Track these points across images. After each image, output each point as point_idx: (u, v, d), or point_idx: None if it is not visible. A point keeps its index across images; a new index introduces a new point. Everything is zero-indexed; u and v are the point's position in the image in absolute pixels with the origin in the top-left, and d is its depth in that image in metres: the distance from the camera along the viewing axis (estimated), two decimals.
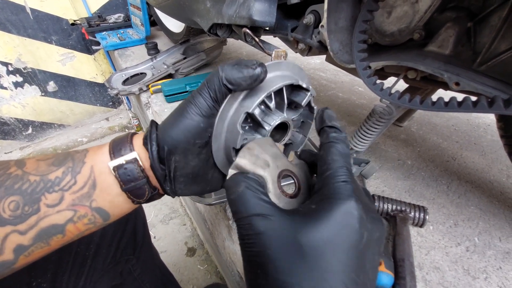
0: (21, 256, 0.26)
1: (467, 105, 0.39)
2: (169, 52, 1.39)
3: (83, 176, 0.28)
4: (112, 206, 0.29)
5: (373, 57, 0.55)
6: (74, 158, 0.29)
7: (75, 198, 0.27)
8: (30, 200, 0.26)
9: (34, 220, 0.26)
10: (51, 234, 0.27)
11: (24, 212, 0.25)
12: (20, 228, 0.25)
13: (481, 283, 0.52)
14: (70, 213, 0.27)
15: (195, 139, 0.30)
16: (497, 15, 0.44)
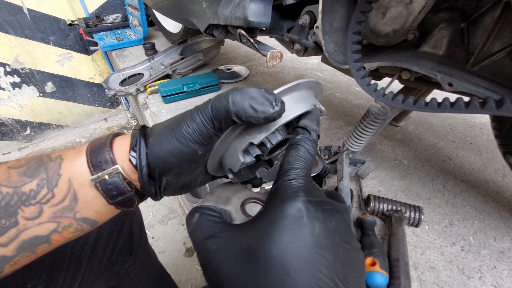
0: (7, 265, 0.26)
1: (459, 106, 0.39)
2: (166, 52, 1.39)
3: (61, 190, 0.26)
4: (99, 215, 0.28)
5: (368, 57, 0.55)
6: (48, 169, 0.26)
7: (56, 211, 0.25)
8: (5, 214, 0.24)
9: (13, 233, 0.24)
10: (35, 244, 0.26)
11: (1, 225, 0.24)
12: (1, 241, 0.24)
13: (475, 282, 0.53)
14: (53, 225, 0.26)
15: (190, 164, 0.28)
16: (490, 16, 0.44)
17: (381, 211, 0.63)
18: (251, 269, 0.20)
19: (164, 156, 0.26)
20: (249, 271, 0.20)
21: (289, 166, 0.25)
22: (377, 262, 0.50)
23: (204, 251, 0.23)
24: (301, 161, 0.25)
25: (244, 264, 0.20)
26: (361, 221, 0.61)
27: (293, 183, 0.24)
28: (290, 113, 0.28)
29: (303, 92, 0.31)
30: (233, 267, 0.21)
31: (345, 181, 0.64)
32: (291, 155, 0.26)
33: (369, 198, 0.66)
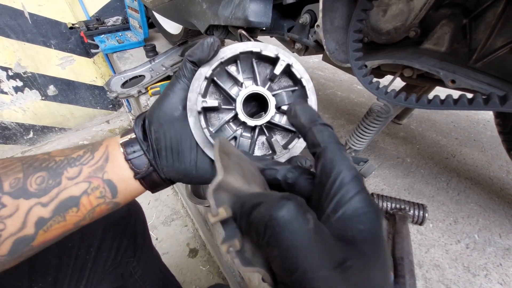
0: (40, 231, 0.28)
1: (462, 103, 0.39)
2: (167, 54, 1.39)
3: (100, 153, 0.32)
4: (119, 179, 0.32)
5: (370, 55, 0.55)
6: (94, 142, 0.33)
7: (91, 171, 0.30)
8: (54, 175, 0.29)
9: (55, 192, 0.28)
10: (68, 206, 0.29)
11: (48, 185, 0.28)
12: (43, 200, 0.28)
13: (481, 280, 0.52)
14: (85, 184, 0.30)
15: (166, 108, 0.33)
16: (492, 12, 0.43)
17: (384, 210, 0.63)
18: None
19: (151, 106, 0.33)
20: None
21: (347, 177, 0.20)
22: None
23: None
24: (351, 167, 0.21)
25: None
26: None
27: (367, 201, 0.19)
28: (232, 50, 0.33)
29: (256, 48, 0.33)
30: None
31: None
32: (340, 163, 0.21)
33: (373, 197, 0.65)
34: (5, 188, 0.27)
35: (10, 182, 0.27)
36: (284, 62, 0.33)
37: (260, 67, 0.35)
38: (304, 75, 0.34)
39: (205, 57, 0.32)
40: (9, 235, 0.27)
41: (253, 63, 0.34)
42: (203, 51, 0.31)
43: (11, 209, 0.27)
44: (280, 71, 0.33)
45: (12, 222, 0.26)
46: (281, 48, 0.34)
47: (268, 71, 0.35)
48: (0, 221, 0.26)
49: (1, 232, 0.26)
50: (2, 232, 0.26)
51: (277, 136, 0.37)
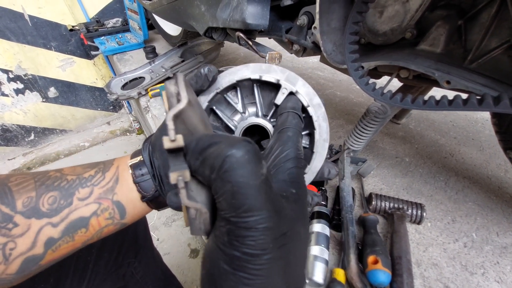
0: (49, 251, 0.28)
1: (457, 104, 0.39)
2: (167, 55, 1.40)
3: (110, 173, 0.32)
4: (128, 201, 0.32)
5: (366, 57, 0.55)
6: (105, 162, 0.33)
7: (102, 192, 0.30)
8: (66, 195, 0.29)
9: (66, 213, 0.28)
10: (77, 227, 0.29)
11: (60, 205, 0.28)
12: (54, 221, 0.28)
13: (478, 278, 0.53)
14: (95, 206, 0.30)
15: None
16: (487, 13, 0.44)
17: (383, 209, 0.64)
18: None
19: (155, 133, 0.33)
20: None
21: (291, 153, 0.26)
22: (380, 260, 0.50)
23: (275, 232, 0.19)
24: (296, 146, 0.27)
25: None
26: (363, 219, 0.61)
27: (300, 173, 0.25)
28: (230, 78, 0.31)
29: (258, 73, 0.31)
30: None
31: (346, 180, 0.65)
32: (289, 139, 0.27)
33: (371, 197, 0.66)
34: (18, 207, 0.27)
35: (23, 201, 0.27)
36: (287, 91, 0.30)
37: (264, 92, 0.33)
38: (313, 100, 0.30)
39: (201, 88, 0.31)
40: (19, 254, 0.27)
41: (254, 89, 0.32)
42: (197, 82, 0.31)
43: (23, 228, 0.27)
44: (281, 100, 0.30)
45: (23, 241, 0.27)
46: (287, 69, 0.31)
47: (273, 94, 0.33)
48: (11, 240, 0.26)
49: (12, 251, 0.26)
50: (12, 251, 0.26)
51: None
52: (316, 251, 0.54)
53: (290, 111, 0.29)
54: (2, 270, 0.27)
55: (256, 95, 0.32)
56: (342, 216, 0.59)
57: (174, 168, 0.17)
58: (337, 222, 0.62)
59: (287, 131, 0.27)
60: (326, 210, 0.63)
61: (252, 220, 0.17)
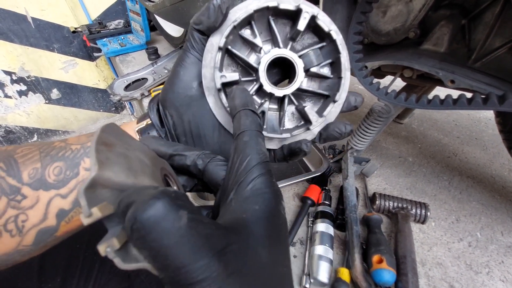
0: (62, 222, 0.28)
1: (462, 103, 0.39)
2: (169, 56, 1.40)
3: None
4: None
5: (370, 57, 0.56)
6: None
7: None
8: (71, 165, 0.28)
9: (73, 184, 0.27)
10: None
11: (66, 176, 0.27)
12: (62, 192, 0.27)
13: (483, 277, 0.53)
14: None
15: (179, 88, 0.30)
16: (491, 12, 0.44)
17: (387, 209, 0.64)
18: None
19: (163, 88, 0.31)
20: None
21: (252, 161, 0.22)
22: (384, 259, 0.50)
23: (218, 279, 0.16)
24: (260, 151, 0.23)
25: None
26: (367, 219, 0.61)
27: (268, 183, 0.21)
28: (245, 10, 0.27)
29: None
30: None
31: (350, 180, 0.65)
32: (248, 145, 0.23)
33: (375, 196, 0.66)
34: (24, 179, 0.26)
35: (28, 172, 0.27)
36: (308, 14, 0.27)
37: (279, 25, 0.29)
38: (331, 26, 0.28)
39: (214, 24, 0.27)
40: (32, 226, 0.27)
41: (270, 22, 0.29)
42: (209, 16, 0.26)
43: (31, 200, 0.26)
44: (304, 26, 0.27)
45: (34, 213, 0.27)
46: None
47: (288, 28, 0.30)
48: (22, 212, 0.26)
49: (24, 223, 0.26)
50: (25, 223, 0.26)
51: (308, 103, 0.32)
52: (320, 250, 0.54)
53: (240, 110, 0.25)
54: (18, 242, 0.26)
55: (274, 28, 0.29)
56: (346, 216, 0.59)
57: (103, 239, 0.15)
58: (341, 221, 0.62)
59: (242, 136, 0.23)
60: (330, 209, 0.63)
61: (185, 277, 0.15)
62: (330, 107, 0.29)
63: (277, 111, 0.32)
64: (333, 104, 0.29)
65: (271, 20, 0.29)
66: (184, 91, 0.30)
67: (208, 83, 0.29)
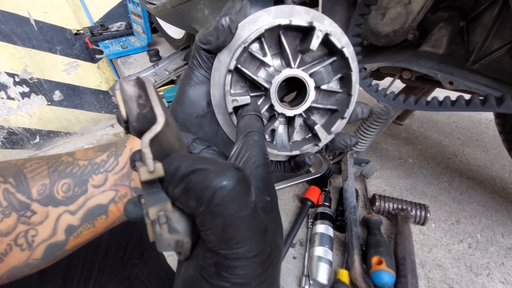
0: (71, 237, 0.29)
1: (460, 104, 0.39)
2: (170, 58, 1.41)
3: (124, 158, 0.30)
4: None
5: (369, 58, 0.56)
6: (117, 144, 0.31)
7: (117, 179, 0.29)
8: (79, 182, 0.28)
9: (82, 201, 0.28)
10: (96, 214, 0.29)
11: (75, 193, 0.28)
12: (71, 209, 0.28)
13: (483, 279, 0.53)
14: (112, 193, 0.29)
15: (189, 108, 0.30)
16: (489, 14, 0.44)
17: (387, 210, 0.64)
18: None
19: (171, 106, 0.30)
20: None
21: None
22: (384, 260, 0.50)
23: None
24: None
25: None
26: (367, 220, 0.61)
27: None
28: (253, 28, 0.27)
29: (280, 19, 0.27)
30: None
31: (350, 181, 0.65)
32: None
33: (375, 198, 0.66)
34: (34, 195, 0.27)
35: (37, 188, 0.27)
36: (322, 33, 0.26)
37: (288, 38, 0.28)
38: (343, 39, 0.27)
39: (223, 44, 0.26)
40: (41, 241, 0.27)
41: (280, 36, 0.28)
42: (219, 38, 0.25)
43: (41, 216, 0.27)
44: (317, 45, 0.26)
45: (43, 229, 0.27)
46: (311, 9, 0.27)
47: (298, 41, 0.29)
48: (32, 228, 0.27)
49: (34, 238, 0.27)
50: (34, 238, 0.27)
51: (315, 115, 0.32)
52: (320, 252, 0.54)
53: (252, 114, 0.26)
54: (28, 256, 0.27)
55: (284, 44, 0.28)
56: (346, 217, 0.59)
57: (151, 201, 0.15)
58: (340, 223, 0.62)
59: (252, 135, 0.24)
60: (330, 211, 0.63)
61: (242, 251, 0.16)
62: (338, 123, 0.29)
63: (285, 125, 0.32)
64: (341, 120, 0.29)
65: (282, 35, 0.28)
66: (195, 112, 0.30)
67: (218, 102, 0.29)
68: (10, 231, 0.26)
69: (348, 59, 0.27)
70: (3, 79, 1.95)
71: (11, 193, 0.26)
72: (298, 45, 0.29)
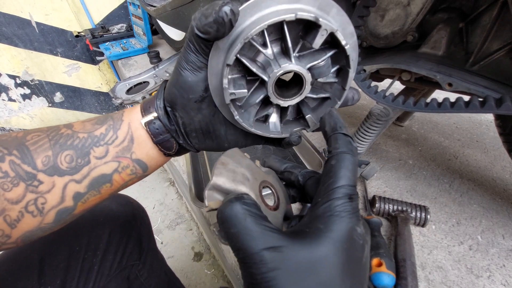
0: (79, 203, 0.30)
1: (459, 106, 0.39)
2: (171, 60, 1.41)
3: (123, 132, 0.31)
4: (149, 158, 0.33)
5: (368, 60, 0.56)
6: (114, 117, 0.32)
7: (118, 151, 0.31)
8: (81, 154, 0.29)
9: (86, 171, 0.30)
10: (101, 182, 0.31)
11: (78, 163, 0.29)
12: (76, 178, 0.29)
13: (484, 281, 0.52)
14: (115, 164, 0.31)
15: (188, 93, 0.30)
16: (488, 15, 0.44)
17: (386, 212, 0.64)
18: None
19: (168, 88, 0.31)
20: None
21: (343, 181, 0.22)
22: (384, 262, 0.50)
23: (261, 267, 0.19)
24: (353, 174, 0.23)
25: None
26: (366, 222, 0.61)
27: (350, 205, 0.21)
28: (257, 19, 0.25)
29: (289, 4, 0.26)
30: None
31: None
32: (344, 167, 0.22)
33: (375, 199, 0.66)
34: (38, 166, 0.28)
35: (42, 160, 0.28)
36: (327, 32, 0.25)
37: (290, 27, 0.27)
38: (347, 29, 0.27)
39: (222, 36, 0.25)
40: (51, 207, 0.29)
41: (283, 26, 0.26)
42: (218, 30, 0.24)
43: (48, 185, 0.28)
44: (320, 44, 0.26)
45: (52, 196, 0.29)
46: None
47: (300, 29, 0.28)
48: (41, 196, 0.28)
49: (44, 205, 0.28)
50: (44, 205, 0.28)
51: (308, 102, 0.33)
52: None
53: (336, 133, 0.25)
54: (40, 221, 0.29)
55: (287, 36, 0.26)
56: None
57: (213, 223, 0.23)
58: None
59: (335, 158, 0.23)
60: None
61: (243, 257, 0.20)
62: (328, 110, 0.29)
63: (278, 109, 0.33)
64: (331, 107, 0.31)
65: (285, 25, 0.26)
66: (194, 97, 0.30)
67: (214, 86, 0.29)
68: (20, 200, 0.27)
69: (349, 57, 0.27)
70: (5, 81, 1.96)
71: (17, 164, 0.27)
72: (300, 31, 0.28)
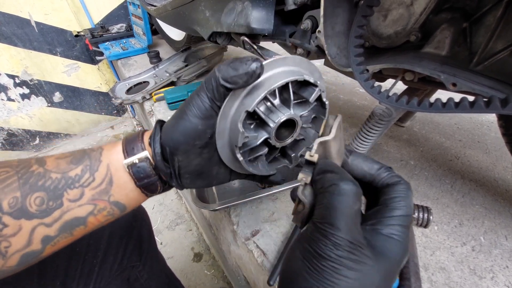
0: (48, 246, 0.28)
1: (464, 106, 0.39)
2: (170, 60, 1.41)
3: (101, 174, 0.30)
4: (128, 199, 0.32)
5: (371, 60, 0.56)
6: (91, 156, 0.30)
7: (95, 194, 0.29)
8: (53, 196, 0.28)
9: (58, 214, 0.28)
10: (74, 225, 0.29)
11: (49, 206, 0.28)
12: (46, 221, 0.27)
13: (487, 282, 0.52)
14: (90, 207, 0.29)
15: (194, 140, 0.30)
16: (492, 15, 0.44)
17: None
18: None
19: (171, 133, 0.30)
20: None
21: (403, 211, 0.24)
22: None
23: (348, 255, 0.20)
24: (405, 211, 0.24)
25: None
26: None
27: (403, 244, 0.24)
28: (281, 80, 0.30)
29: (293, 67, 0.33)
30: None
31: None
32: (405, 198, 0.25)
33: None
34: (4, 208, 0.26)
35: (8, 201, 0.26)
36: (320, 91, 0.34)
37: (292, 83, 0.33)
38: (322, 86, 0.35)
39: (245, 85, 0.28)
40: (15, 251, 0.27)
41: (289, 85, 0.32)
42: (247, 82, 0.27)
43: (13, 228, 0.26)
44: (315, 99, 0.34)
45: (17, 240, 0.27)
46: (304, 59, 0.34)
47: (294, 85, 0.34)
48: (4, 240, 0.26)
49: (7, 249, 0.26)
50: (8, 249, 0.26)
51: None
52: None
53: (402, 179, 0.26)
54: (2, 264, 0.27)
55: (290, 89, 0.33)
56: None
57: (303, 172, 0.25)
58: None
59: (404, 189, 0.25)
60: None
61: (329, 232, 0.20)
62: (304, 149, 0.39)
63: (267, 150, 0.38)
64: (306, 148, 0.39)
65: (290, 84, 0.32)
66: (199, 143, 0.30)
67: (221, 129, 0.31)
68: None
69: (326, 110, 0.37)
70: (4, 81, 1.95)
71: None
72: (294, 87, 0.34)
